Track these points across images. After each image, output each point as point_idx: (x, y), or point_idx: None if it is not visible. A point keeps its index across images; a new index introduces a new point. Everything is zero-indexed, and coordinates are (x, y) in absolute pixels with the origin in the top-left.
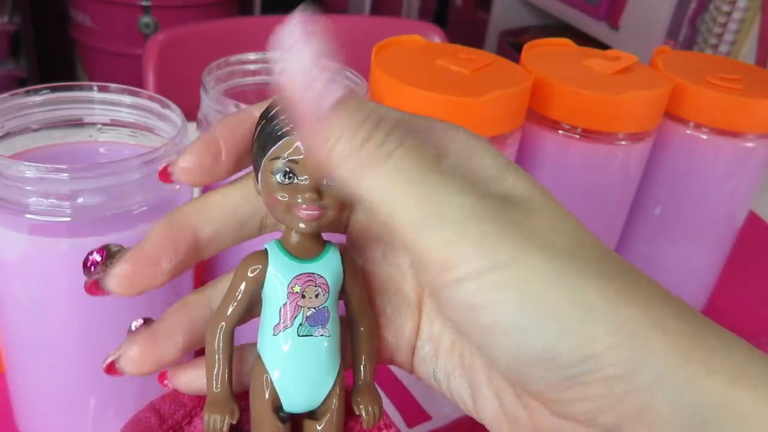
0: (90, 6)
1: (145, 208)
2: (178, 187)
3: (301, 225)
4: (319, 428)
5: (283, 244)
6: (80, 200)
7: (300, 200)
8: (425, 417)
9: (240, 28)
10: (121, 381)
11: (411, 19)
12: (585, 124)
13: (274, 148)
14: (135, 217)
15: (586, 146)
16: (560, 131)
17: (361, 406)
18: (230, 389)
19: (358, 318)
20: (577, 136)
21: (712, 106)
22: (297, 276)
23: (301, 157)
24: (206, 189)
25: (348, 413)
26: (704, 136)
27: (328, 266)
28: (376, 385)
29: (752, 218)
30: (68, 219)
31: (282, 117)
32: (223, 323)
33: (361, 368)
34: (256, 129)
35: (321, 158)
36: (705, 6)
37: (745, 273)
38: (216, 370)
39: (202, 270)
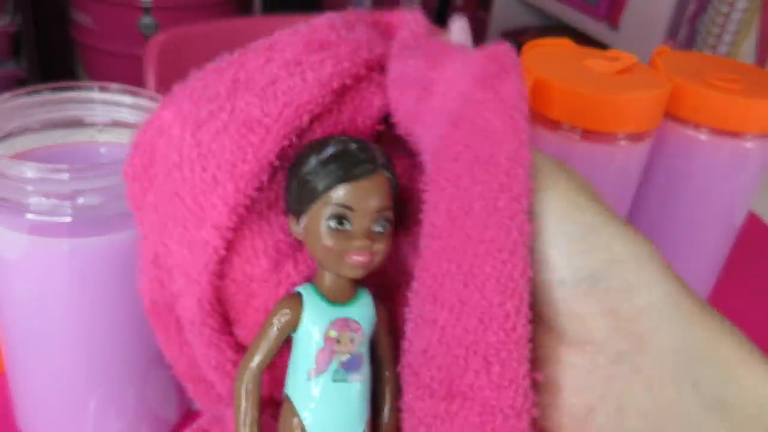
0: (90, 6)
1: None
2: None
3: (352, 272)
4: None
5: (318, 288)
6: (80, 200)
7: (352, 247)
8: None
9: (240, 28)
10: (122, 381)
11: None
12: (585, 124)
13: (329, 193)
14: None
15: (586, 146)
16: (560, 131)
17: None
18: None
19: (386, 363)
20: (577, 136)
21: (711, 106)
22: (333, 321)
23: (362, 204)
24: None
25: None
26: (704, 137)
27: (363, 311)
28: None
29: (752, 218)
30: (68, 219)
31: (339, 162)
32: (253, 367)
33: (387, 412)
34: (297, 166)
35: None
36: (704, 6)
37: (745, 273)
38: (244, 414)
39: None
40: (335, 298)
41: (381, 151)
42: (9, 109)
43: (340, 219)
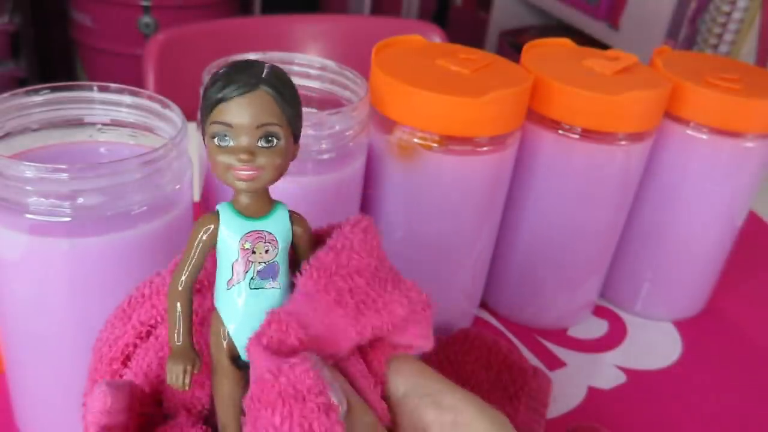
0: (90, 6)
1: (145, 208)
2: (178, 186)
3: (240, 185)
4: None
5: (234, 205)
6: (80, 200)
7: (236, 161)
8: None
9: (240, 28)
10: None
11: (411, 19)
12: (585, 124)
13: (212, 112)
14: (135, 217)
15: (586, 146)
16: (560, 131)
17: None
18: (191, 343)
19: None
20: (577, 136)
21: (712, 106)
22: (247, 233)
23: (237, 120)
24: (204, 194)
25: None
26: (704, 136)
27: (277, 224)
28: None
29: (752, 218)
30: (68, 219)
31: (221, 81)
32: (182, 280)
33: None
34: (201, 96)
35: None
36: (705, 6)
37: (745, 273)
38: (177, 325)
39: None
40: (249, 213)
41: (270, 68)
42: (8, 108)
43: (222, 136)
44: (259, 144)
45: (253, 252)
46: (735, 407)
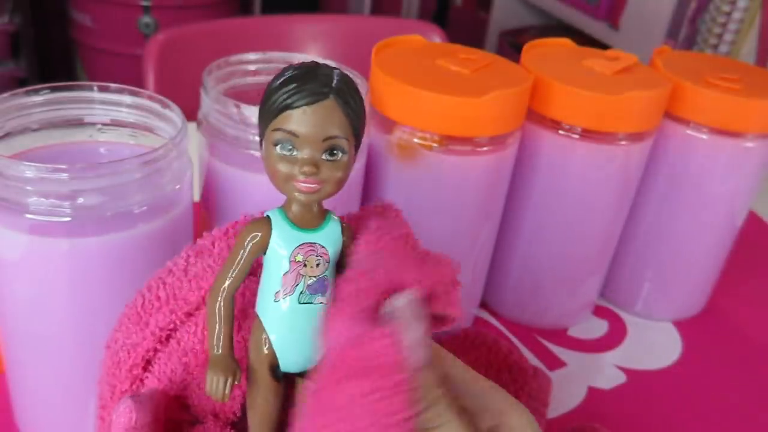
0: (90, 6)
1: (145, 208)
2: (178, 186)
3: (299, 197)
4: None
5: (286, 213)
6: (80, 200)
7: (298, 173)
8: None
9: (240, 28)
10: None
11: (411, 19)
12: (585, 124)
13: (276, 118)
14: (135, 217)
15: (586, 146)
16: (560, 131)
17: None
18: (231, 351)
19: None
20: (577, 136)
21: (712, 106)
22: (300, 245)
23: (304, 130)
24: (204, 194)
25: None
26: (704, 136)
27: (329, 236)
28: None
29: (752, 218)
30: (68, 219)
31: (290, 87)
32: (225, 287)
33: None
34: (263, 97)
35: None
36: (705, 6)
37: (745, 273)
38: (217, 332)
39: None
40: (302, 223)
41: (339, 76)
42: (8, 108)
43: (286, 145)
44: (323, 157)
45: (305, 265)
46: (735, 407)
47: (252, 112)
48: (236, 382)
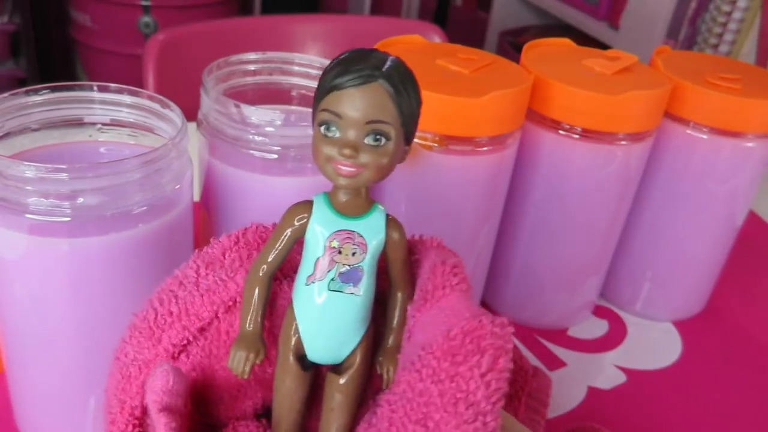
0: (90, 6)
1: (145, 208)
2: (178, 186)
3: (339, 180)
4: (341, 383)
5: (330, 198)
6: (80, 200)
7: (337, 154)
8: None
9: (240, 28)
10: None
11: (411, 19)
12: (585, 124)
13: (324, 99)
14: (135, 217)
15: (586, 146)
16: (560, 131)
17: (383, 368)
18: (261, 331)
19: (395, 284)
20: (577, 136)
21: (712, 106)
22: (337, 231)
23: (347, 111)
24: (204, 194)
25: (375, 372)
26: (704, 136)
27: (371, 227)
28: None
29: (752, 218)
30: (68, 219)
31: (340, 68)
32: (264, 266)
33: (391, 332)
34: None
35: None
36: (705, 6)
37: (745, 273)
38: (251, 309)
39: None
40: (344, 210)
41: (393, 62)
42: (8, 108)
43: (330, 125)
44: (366, 141)
45: (340, 252)
46: (735, 407)
47: (252, 112)
48: (258, 361)
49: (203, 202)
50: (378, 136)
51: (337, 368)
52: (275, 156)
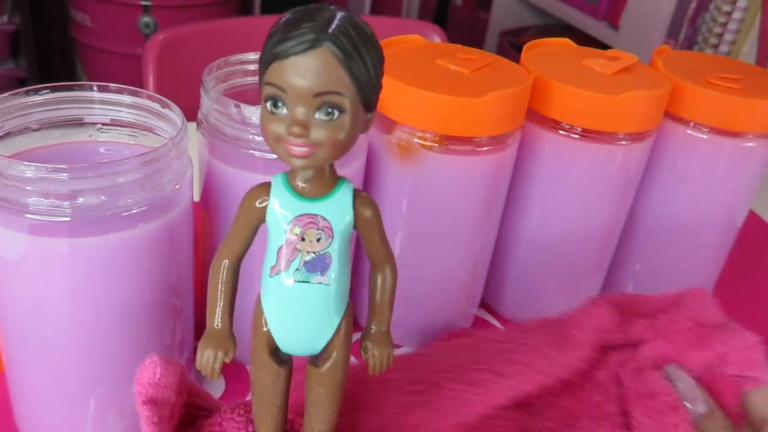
0: (90, 6)
1: (145, 208)
2: (178, 186)
3: (293, 162)
4: (320, 374)
5: (289, 178)
6: (80, 200)
7: (286, 134)
8: None
9: (240, 28)
10: (121, 381)
11: (411, 19)
12: (585, 124)
13: (267, 70)
14: (135, 217)
15: (586, 146)
16: (560, 131)
17: (369, 352)
18: (230, 327)
19: (374, 264)
20: (577, 136)
21: (712, 106)
22: (299, 216)
23: (292, 84)
24: (204, 194)
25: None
26: (704, 136)
27: (336, 207)
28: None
29: (752, 218)
30: (68, 219)
31: (280, 33)
32: (227, 259)
33: (374, 315)
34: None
35: None
36: (705, 6)
37: (745, 273)
38: (217, 305)
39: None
40: (305, 191)
41: (342, 19)
42: (8, 108)
43: (275, 101)
44: (317, 116)
45: (303, 239)
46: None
47: (252, 112)
48: (227, 360)
49: (203, 202)
50: (330, 110)
51: (316, 359)
52: (275, 156)
